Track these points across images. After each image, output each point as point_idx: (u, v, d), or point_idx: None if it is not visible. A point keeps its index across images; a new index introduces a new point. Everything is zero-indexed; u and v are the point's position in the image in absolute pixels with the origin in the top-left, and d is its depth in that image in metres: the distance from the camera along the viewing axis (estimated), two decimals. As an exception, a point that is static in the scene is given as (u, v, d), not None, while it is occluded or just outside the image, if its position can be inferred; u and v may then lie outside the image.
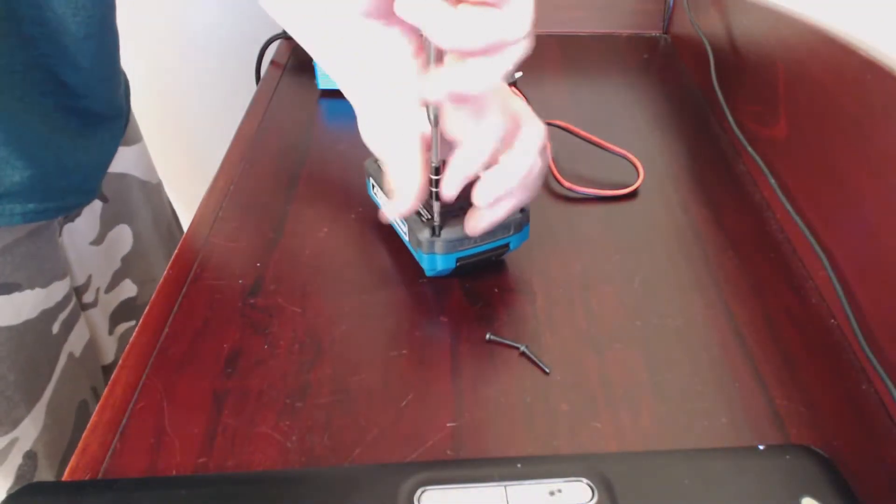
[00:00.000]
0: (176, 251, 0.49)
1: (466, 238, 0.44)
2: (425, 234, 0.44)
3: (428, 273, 0.45)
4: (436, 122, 0.38)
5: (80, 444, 0.36)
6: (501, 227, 0.44)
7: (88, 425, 0.37)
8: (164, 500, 0.31)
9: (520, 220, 0.45)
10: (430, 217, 0.44)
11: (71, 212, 0.55)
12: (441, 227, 0.44)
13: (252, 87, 0.74)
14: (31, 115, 0.46)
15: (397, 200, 0.41)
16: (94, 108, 0.52)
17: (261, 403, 0.38)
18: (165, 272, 0.47)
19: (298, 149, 0.61)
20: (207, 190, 0.56)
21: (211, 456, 0.35)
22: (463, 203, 0.44)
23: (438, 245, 0.44)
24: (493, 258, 0.46)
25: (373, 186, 0.50)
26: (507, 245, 0.46)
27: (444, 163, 0.40)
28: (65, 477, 0.35)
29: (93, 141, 0.53)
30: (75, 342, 0.54)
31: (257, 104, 0.68)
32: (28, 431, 0.50)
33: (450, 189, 0.39)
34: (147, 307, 0.45)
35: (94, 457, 0.36)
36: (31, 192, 0.47)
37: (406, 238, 0.47)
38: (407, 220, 0.45)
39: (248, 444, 0.36)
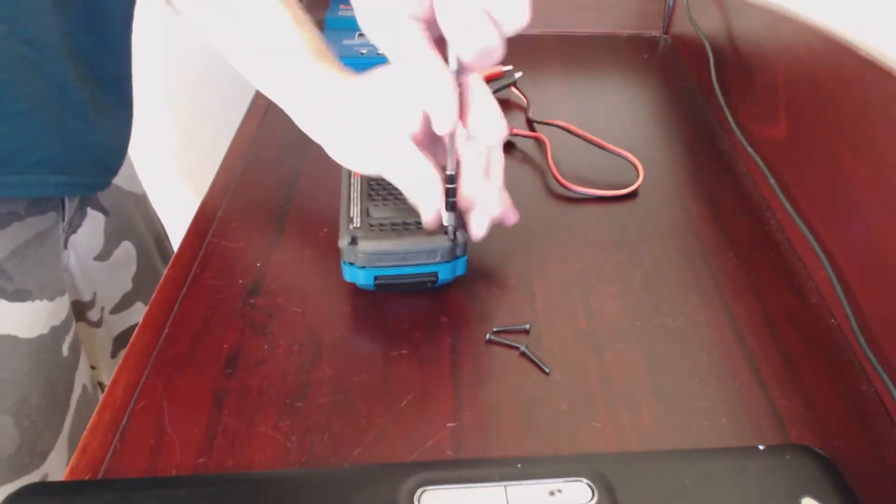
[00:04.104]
0: (176, 251, 0.49)
1: (386, 254, 0.42)
2: (344, 241, 0.42)
3: (360, 285, 0.44)
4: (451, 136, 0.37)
5: (80, 444, 0.36)
6: (426, 252, 0.42)
7: (88, 425, 0.37)
8: (164, 500, 0.31)
9: (448, 248, 0.42)
10: (357, 225, 0.43)
11: (95, 191, 0.54)
12: (456, 230, 0.42)
13: (252, 87, 0.74)
14: (63, 86, 0.45)
15: (423, 217, 0.41)
16: (112, 80, 0.52)
17: (261, 403, 0.38)
18: (165, 272, 0.47)
19: (298, 148, 0.61)
20: (207, 190, 0.56)
21: (211, 456, 0.35)
22: (394, 219, 0.43)
23: (356, 255, 0.42)
24: (430, 286, 0.44)
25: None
26: (434, 274, 0.43)
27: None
28: (65, 477, 0.35)
29: (112, 117, 0.52)
30: (85, 372, 0.53)
31: (257, 104, 0.68)
32: (56, 467, 0.49)
33: (481, 230, 0.42)
34: (147, 307, 0.45)
35: (94, 457, 0.36)
36: (61, 165, 0.46)
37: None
38: (340, 224, 0.44)
39: (248, 444, 0.36)
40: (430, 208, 0.40)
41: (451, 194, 0.40)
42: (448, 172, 0.39)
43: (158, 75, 1.11)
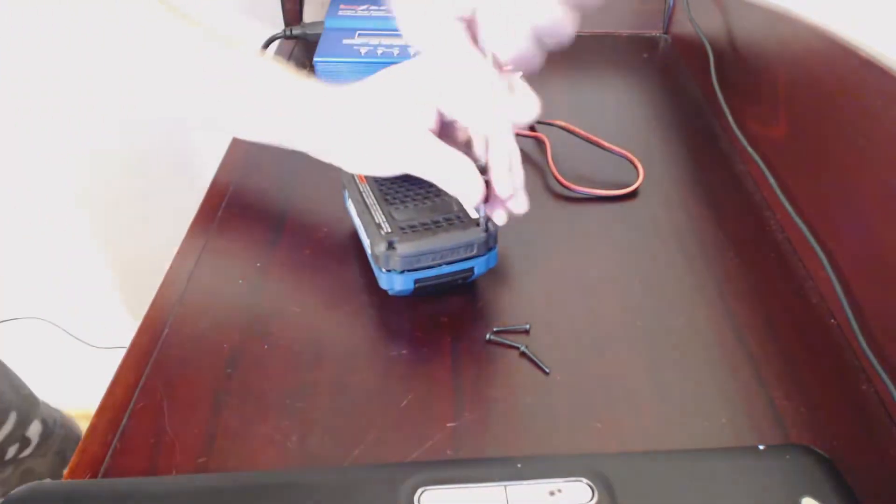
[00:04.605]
0: (177, 251, 0.49)
1: (425, 254, 0.42)
2: (381, 247, 0.41)
3: (390, 293, 0.44)
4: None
5: (80, 445, 0.36)
6: (464, 247, 0.42)
7: (88, 426, 0.37)
8: (164, 500, 0.31)
9: (484, 240, 0.43)
10: (389, 230, 0.42)
11: None
12: (488, 220, 0.42)
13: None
14: None
15: (470, 204, 0.42)
16: None
17: (261, 403, 0.38)
18: (166, 273, 0.47)
19: (298, 149, 0.61)
20: (207, 190, 0.56)
21: (211, 456, 0.35)
22: (421, 219, 0.43)
23: (395, 260, 0.41)
24: (460, 282, 0.44)
25: (348, 197, 0.49)
26: (471, 269, 0.44)
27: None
28: (65, 477, 0.35)
29: None
30: None
31: (257, 104, 0.68)
32: None
33: (503, 218, 0.43)
34: (148, 307, 0.45)
35: (94, 457, 0.36)
36: None
37: (369, 252, 0.44)
38: (368, 232, 0.43)
39: (248, 444, 0.36)
40: (475, 195, 0.40)
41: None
42: (481, 164, 0.40)
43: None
